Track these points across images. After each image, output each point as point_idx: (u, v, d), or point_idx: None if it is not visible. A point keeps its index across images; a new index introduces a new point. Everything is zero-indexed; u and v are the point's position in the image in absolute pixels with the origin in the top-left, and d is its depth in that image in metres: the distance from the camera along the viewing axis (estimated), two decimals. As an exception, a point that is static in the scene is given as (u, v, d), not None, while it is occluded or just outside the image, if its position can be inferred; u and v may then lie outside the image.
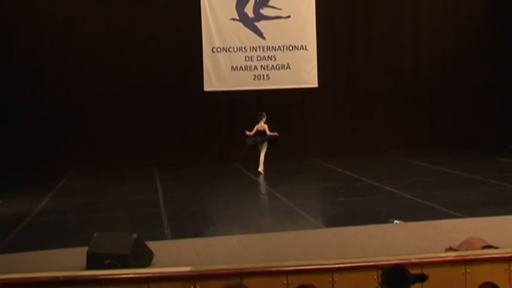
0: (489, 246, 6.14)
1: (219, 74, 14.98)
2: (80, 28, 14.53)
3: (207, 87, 14.95)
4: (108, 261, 5.87)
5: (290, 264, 5.16)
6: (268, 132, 12.75)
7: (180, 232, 8.04)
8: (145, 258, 6.34)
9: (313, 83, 15.35)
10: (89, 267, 6.10)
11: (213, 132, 15.35)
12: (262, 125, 12.78)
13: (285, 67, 15.18)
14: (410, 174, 12.30)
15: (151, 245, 6.58)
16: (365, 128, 15.93)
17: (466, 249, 6.08)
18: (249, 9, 15.04)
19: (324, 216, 8.99)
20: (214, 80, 14.97)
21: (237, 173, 13.54)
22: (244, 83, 15.03)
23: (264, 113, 12.91)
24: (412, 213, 8.61)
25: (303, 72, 15.30)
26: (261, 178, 12.34)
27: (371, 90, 16.01)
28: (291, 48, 15.20)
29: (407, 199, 9.77)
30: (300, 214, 9.07)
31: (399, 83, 16.15)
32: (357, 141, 15.87)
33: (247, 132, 12.79)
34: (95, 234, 6.46)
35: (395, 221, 7.98)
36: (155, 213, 9.25)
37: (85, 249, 6.29)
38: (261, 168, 12.78)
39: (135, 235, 6.32)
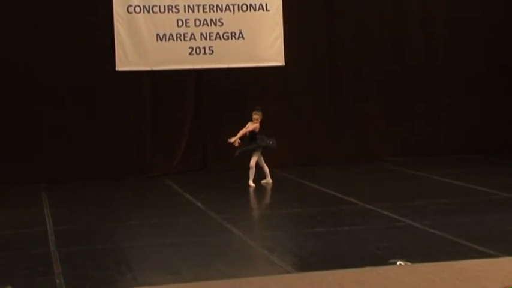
0: (539, 298, 6.12)
1: (139, 47, 14.82)
2: None
3: (121, 65, 14.77)
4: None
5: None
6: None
7: (80, 282, 7.89)
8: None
9: (278, 60, 15.33)
10: None
11: (129, 132, 15.24)
12: (256, 126, 13.39)
13: (237, 36, 15.11)
14: (420, 193, 12.38)
15: (35, 303, 6.37)
16: (352, 126, 16.09)
17: (506, 303, 6.06)
18: (182, -50, 14.96)
19: (296, 255, 8.92)
20: (131, 55, 14.81)
21: (167, 193, 13.48)
22: (176, 59, 14.90)
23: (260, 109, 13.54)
24: (424, 251, 8.63)
25: (263, 43, 15.28)
26: (203, 200, 12.33)
27: (361, 71, 16.14)
28: (244, 8, 15.14)
29: (416, 229, 9.80)
30: (261, 253, 8.99)
31: (402, 62, 16.32)
32: (340, 145, 16.00)
33: (233, 140, 13.39)
34: None
35: (398, 262, 7.99)
36: (42, 255, 9.09)
37: None
38: (251, 180, 13.45)
39: (9, 288, 6.08)
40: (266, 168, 13.64)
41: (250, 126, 13.42)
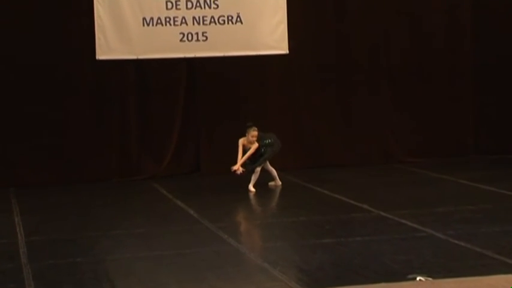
0: None
1: (122, 32, 14.81)
2: None
3: (102, 53, 14.75)
4: None
5: None
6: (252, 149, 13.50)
7: (55, 300, 7.88)
8: None
9: (280, 48, 15.31)
10: None
11: (111, 130, 15.28)
12: (256, 145, 13.48)
13: (234, 21, 15.10)
14: (443, 199, 12.41)
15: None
16: (366, 122, 16.11)
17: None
18: None
19: (301, 270, 8.91)
20: (113, 43, 14.79)
21: (154, 199, 13.52)
22: (165, 46, 14.88)
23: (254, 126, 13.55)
24: (447, 264, 8.63)
25: (264, 29, 15.25)
26: (196, 207, 12.33)
27: (376, 61, 16.19)
28: (243, -12, 15.15)
29: (438, 240, 9.80)
30: (261, 267, 8.97)
31: (423, 51, 16.33)
32: (352, 144, 16.04)
33: (237, 168, 13.50)
34: None
35: (418, 278, 8.01)
36: (12, 270, 9.09)
37: None
38: (251, 185, 13.55)
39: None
40: (274, 172, 13.75)
41: (252, 148, 13.43)
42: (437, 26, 16.37)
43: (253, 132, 13.44)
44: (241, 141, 13.53)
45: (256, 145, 13.45)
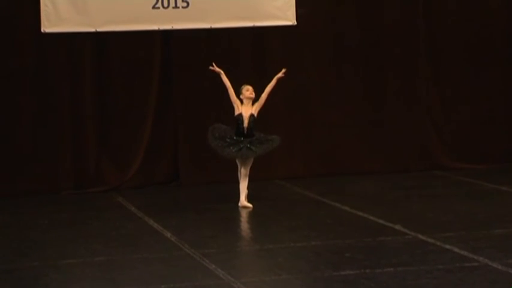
0: None
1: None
2: None
3: (49, 25, 14.81)
4: None
5: None
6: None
7: None
8: None
9: (286, 18, 15.40)
10: None
11: (62, 127, 15.35)
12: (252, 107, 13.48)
13: (225, -18, 15.19)
14: (501, 217, 12.44)
15: None
16: (396, 118, 16.23)
17: None
18: None
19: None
20: (65, 11, 14.84)
21: (119, 217, 13.56)
22: (133, 15, 14.93)
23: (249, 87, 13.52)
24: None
25: (264, -6, 15.34)
26: (173, 228, 12.37)
27: (412, 35, 16.28)
28: None
29: (494, 272, 9.83)
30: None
31: (473, 29, 16.42)
32: (380, 146, 16.13)
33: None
34: None
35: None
36: None
37: None
38: (244, 197, 13.64)
39: None
40: (246, 183, 13.63)
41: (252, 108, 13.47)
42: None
43: (247, 86, 13.47)
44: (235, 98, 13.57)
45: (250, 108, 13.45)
